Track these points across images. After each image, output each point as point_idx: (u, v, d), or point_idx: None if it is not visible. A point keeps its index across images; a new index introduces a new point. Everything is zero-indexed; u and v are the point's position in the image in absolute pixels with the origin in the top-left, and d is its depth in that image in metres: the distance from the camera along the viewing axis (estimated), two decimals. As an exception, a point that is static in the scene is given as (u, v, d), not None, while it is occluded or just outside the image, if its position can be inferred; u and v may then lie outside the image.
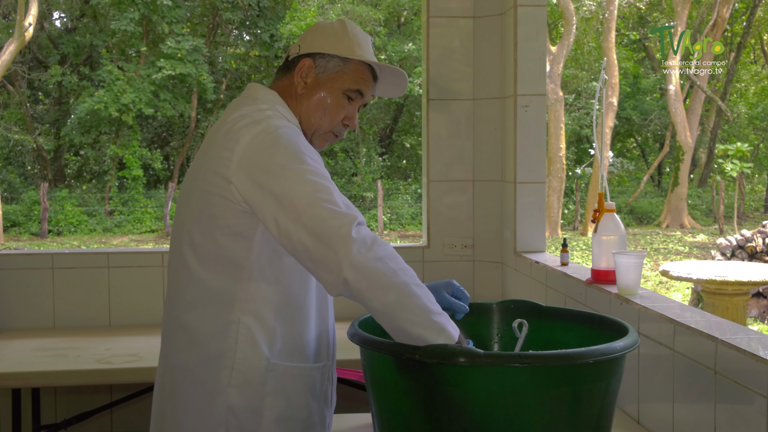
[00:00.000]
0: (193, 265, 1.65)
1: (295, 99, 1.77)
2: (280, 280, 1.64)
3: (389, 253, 1.52)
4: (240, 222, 1.60)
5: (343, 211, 1.53)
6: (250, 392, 1.62)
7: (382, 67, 1.82)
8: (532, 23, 3.21)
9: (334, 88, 1.76)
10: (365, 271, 1.48)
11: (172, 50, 20.83)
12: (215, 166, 1.62)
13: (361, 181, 21.97)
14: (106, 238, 18.47)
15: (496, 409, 1.39)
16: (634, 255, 2.11)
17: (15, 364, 2.76)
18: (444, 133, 3.50)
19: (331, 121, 1.78)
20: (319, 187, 1.55)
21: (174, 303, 1.70)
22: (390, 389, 1.51)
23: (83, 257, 3.42)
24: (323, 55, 1.75)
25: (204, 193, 1.63)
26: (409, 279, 1.51)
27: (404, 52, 21.52)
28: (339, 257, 1.49)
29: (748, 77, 26.26)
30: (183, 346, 1.66)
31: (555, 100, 17.61)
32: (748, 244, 8.60)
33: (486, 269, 3.49)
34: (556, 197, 18.10)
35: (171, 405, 1.68)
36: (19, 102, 22.88)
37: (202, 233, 1.64)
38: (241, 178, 1.58)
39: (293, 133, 1.65)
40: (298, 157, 1.58)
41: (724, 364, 1.59)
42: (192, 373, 1.64)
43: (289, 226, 1.54)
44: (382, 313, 1.50)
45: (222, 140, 1.64)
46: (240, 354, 1.62)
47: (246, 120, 1.65)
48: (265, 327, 1.63)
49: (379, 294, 1.48)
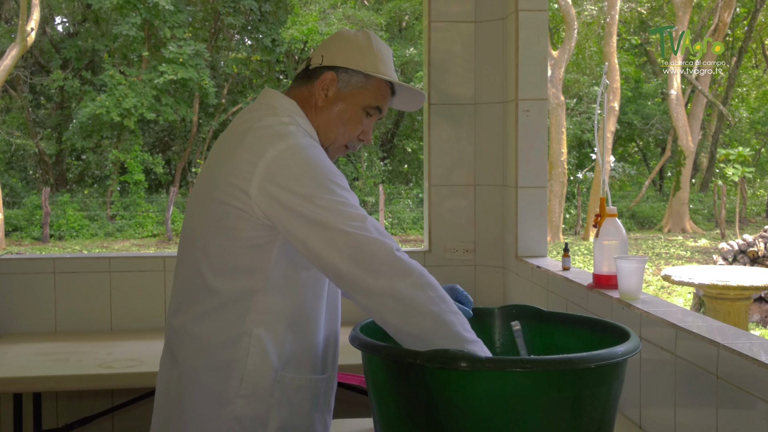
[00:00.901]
0: (208, 274, 1.63)
1: (314, 110, 1.74)
2: (294, 293, 1.64)
3: (429, 280, 1.54)
4: (259, 235, 1.59)
5: (378, 237, 1.54)
6: (257, 403, 1.62)
7: (402, 86, 1.81)
8: (533, 28, 3.21)
9: (355, 103, 1.74)
10: (406, 297, 1.50)
11: (173, 55, 20.87)
12: (235, 179, 1.59)
13: (363, 186, 21.98)
14: (107, 242, 18.49)
15: (498, 413, 1.39)
16: (635, 260, 2.11)
17: (16, 368, 2.76)
18: (445, 137, 3.50)
19: (348, 135, 1.76)
20: (351, 215, 1.55)
21: (184, 311, 1.68)
22: (391, 394, 1.50)
23: (85, 262, 3.42)
24: (346, 70, 1.73)
25: (220, 203, 1.61)
26: (446, 307, 1.52)
27: (405, 56, 21.56)
28: (378, 282, 1.50)
29: (749, 82, 26.27)
30: (192, 354, 1.65)
31: (556, 104, 17.62)
32: (750, 249, 8.60)
33: (487, 274, 3.49)
34: (557, 202, 18.10)
35: (177, 412, 1.66)
36: (21, 106, 22.93)
37: (218, 244, 1.62)
38: (263, 196, 1.56)
39: (319, 152, 1.63)
40: (326, 184, 1.57)
41: (726, 369, 1.58)
42: (200, 381, 1.63)
43: (321, 250, 1.53)
44: (417, 338, 1.51)
45: (242, 152, 1.60)
46: (250, 365, 1.61)
47: (268, 132, 1.62)
48: (276, 338, 1.63)
49: (416, 320, 1.50)
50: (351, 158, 22.94)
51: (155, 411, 1.74)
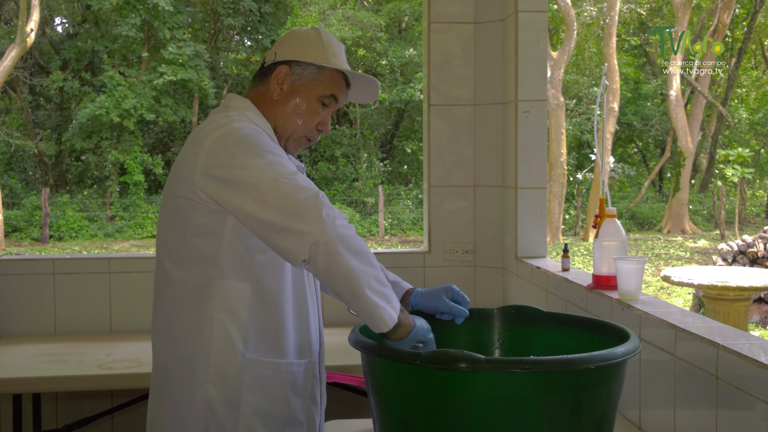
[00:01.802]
0: (169, 267, 1.70)
1: (271, 105, 1.81)
2: (252, 277, 1.68)
3: (352, 226, 1.62)
4: (208, 221, 1.65)
5: (305, 185, 1.60)
6: (226, 387, 1.66)
7: (355, 75, 1.87)
8: (533, 29, 3.21)
9: (310, 94, 1.81)
10: (334, 237, 1.56)
11: (173, 56, 20.87)
12: (183, 171, 1.68)
13: (362, 187, 21.97)
14: (107, 243, 18.48)
15: (498, 414, 1.39)
16: (635, 260, 2.11)
17: (16, 369, 2.76)
18: (445, 138, 3.50)
19: (306, 126, 1.83)
20: (280, 171, 1.61)
21: (156, 306, 1.75)
22: (391, 395, 1.51)
23: (84, 262, 3.42)
24: (299, 63, 1.81)
25: (173, 197, 1.70)
26: (368, 249, 1.61)
27: (405, 57, 21.56)
28: (307, 224, 1.56)
29: (749, 83, 26.27)
30: (164, 347, 1.71)
31: (556, 105, 17.62)
32: (750, 250, 8.60)
33: (487, 275, 3.49)
34: (557, 202, 18.10)
35: (157, 405, 1.73)
36: (20, 107, 22.92)
37: (173, 236, 1.69)
38: (205, 179, 1.63)
39: (255, 132, 1.70)
40: (257, 151, 1.64)
41: (726, 370, 1.58)
42: (171, 372, 1.69)
43: (254, 208, 1.59)
44: (342, 278, 1.57)
45: (189, 146, 1.71)
46: (215, 350, 1.66)
47: (211, 126, 1.71)
48: (239, 323, 1.67)
49: (344, 259, 1.56)
50: (350, 159, 22.95)
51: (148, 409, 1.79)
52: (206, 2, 23.37)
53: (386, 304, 1.59)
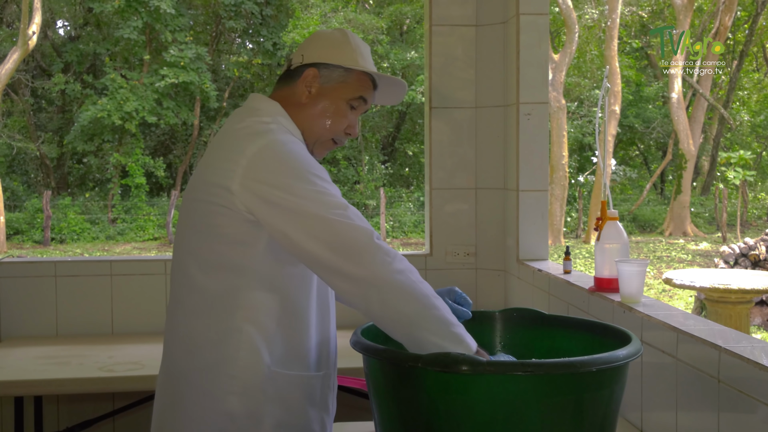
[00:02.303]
0: (195, 273, 1.65)
1: (298, 108, 1.77)
2: (281, 289, 1.65)
3: (408, 266, 1.56)
4: (242, 231, 1.61)
5: (359, 224, 1.56)
6: (249, 400, 1.62)
7: (383, 77, 1.84)
8: (534, 31, 3.21)
9: (338, 97, 1.77)
10: (389, 283, 1.52)
11: (175, 58, 20.89)
12: (217, 178, 1.62)
13: (364, 189, 21.97)
14: (108, 246, 18.49)
15: (499, 417, 1.39)
16: (636, 263, 2.11)
17: (17, 372, 2.76)
18: (446, 140, 3.50)
19: (334, 129, 1.79)
20: (331, 203, 1.57)
21: (175, 311, 1.70)
22: (392, 397, 1.50)
23: (86, 265, 3.43)
24: (327, 65, 1.77)
25: (204, 203, 1.64)
26: (428, 291, 1.55)
27: (407, 60, 21.56)
28: (361, 269, 1.52)
29: (750, 85, 26.26)
30: (184, 354, 1.67)
31: (557, 108, 17.62)
32: (752, 252, 8.59)
33: (488, 277, 3.49)
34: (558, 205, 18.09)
35: (171, 412, 1.68)
36: (22, 110, 22.94)
37: (203, 242, 1.65)
38: (245, 191, 1.58)
39: (299, 148, 1.65)
40: (305, 176, 1.59)
41: (728, 373, 1.58)
42: (193, 380, 1.64)
43: (301, 239, 1.56)
44: (400, 323, 1.53)
45: (225, 152, 1.65)
46: (241, 362, 1.62)
47: (248, 131, 1.66)
48: (265, 335, 1.63)
49: (401, 306, 1.52)
50: (352, 161, 22.96)
51: (154, 414, 1.75)
52: (208, 5, 23.39)
53: (456, 345, 1.50)
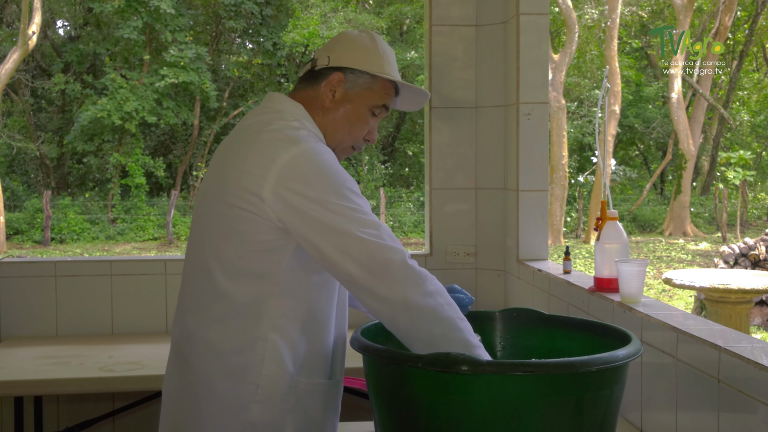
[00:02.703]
0: (220, 279, 1.62)
1: (321, 111, 1.74)
2: (307, 297, 1.64)
3: (438, 288, 1.57)
4: (271, 239, 1.59)
5: (391, 245, 1.56)
6: (272, 408, 1.61)
7: (407, 86, 1.82)
8: (534, 31, 3.21)
9: (362, 104, 1.75)
10: (418, 306, 1.53)
11: (175, 58, 20.90)
12: (246, 182, 1.58)
13: (364, 189, 21.97)
14: (108, 245, 18.49)
15: (499, 417, 1.39)
16: (636, 263, 2.11)
17: (17, 372, 2.76)
18: (446, 141, 3.50)
19: (356, 136, 1.77)
20: (365, 222, 1.56)
21: (195, 316, 1.66)
22: (393, 397, 1.50)
23: (86, 265, 3.42)
24: (353, 71, 1.74)
25: (232, 207, 1.60)
26: (454, 313, 1.56)
27: (407, 60, 21.56)
28: (392, 291, 1.53)
29: (750, 85, 26.26)
30: (205, 360, 1.63)
31: (557, 108, 17.62)
32: (751, 252, 8.59)
33: (488, 277, 3.49)
34: (558, 205, 18.09)
35: (191, 418, 1.64)
36: (22, 110, 22.95)
37: (229, 248, 1.61)
38: (277, 200, 1.56)
39: (331, 158, 1.63)
40: (339, 190, 1.58)
41: (728, 373, 1.58)
42: (215, 388, 1.62)
43: (334, 255, 1.55)
44: (426, 344, 1.53)
45: (253, 155, 1.60)
46: (266, 370, 1.60)
47: (279, 137, 1.62)
48: (290, 343, 1.62)
49: (426, 327, 1.53)
50: (352, 161, 22.95)
51: (163, 418, 1.71)
52: (208, 5, 23.39)
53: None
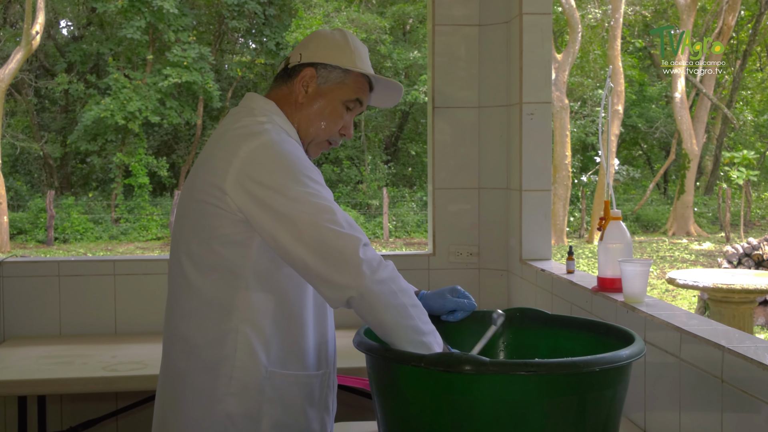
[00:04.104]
0: (191, 274, 1.66)
1: (295, 107, 1.78)
2: (277, 289, 1.65)
3: (391, 274, 1.57)
4: (236, 231, 1.61)
5: (347, 232, 1.56)
6: (248, 400, 1.63)
7: (380, 79, 1.84)
8: (537, 31, 3.21)
9: (335, 98, 1.77)
10: (369, 292, 1.53)
11: (178, 58, 20.92)
12: (211, 177, 1.63)
13: (367, 189, 21.98)
14: (111, 245, 18.51)
15: (502, 417, 1.39)
16: (640, 263, 2.11)
17: (21, 371, 2.76)
18: (449, 140, 3.50)
19: (330, 130, 1.79)
20: (321, 207, 1.57)
21: (172, 312, 1.71)
22: (395, 397, 1.50)
23: (89, 265, 3.43)
24: (325, 66, 1.77)
25: (200, 203, 1.64)
26: (406, 300, 1.57)
27: (409, 59, 21.57)
28: (344, 278, 1.53)
29: (753, 85, 26.21)
30: (181, 355, 1.68)
31: (560, 107, 17.61)
32: (755, 252, 8.58)
33: (491, 277, 3.49)
34: (561, 205, 18.08)
35: (172, 413, 1.68)
36: (25, 110, 22.98)
37: (198, 242, 1.65)
38: (237, 191, 1.59)
39: (293, 148, 1.65)
40: (298, 177, 1.59)
41: (731, 373, 1.58)
42: (191, 382, 1.65)
43: (289, 243, 1.56)
44: (378, 329, 1.56)
45: (219, 151, 1.65)
46: (238, 362, 1.63)
47: (244, 131, 1.65)
48: (262, 335, 1.64)
49: (379, 314, 1.54)
50: (355, 161, 22.96)
51: (155, 414, 1.76)
52: (211, 5, 23.41)
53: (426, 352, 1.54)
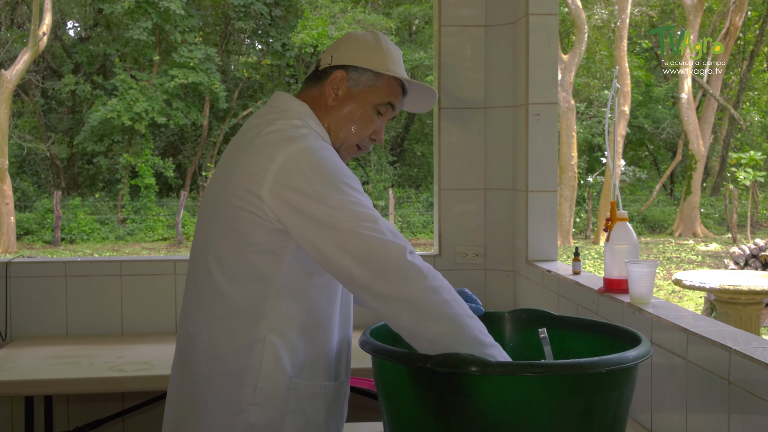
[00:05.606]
0: (220, 280, 1.61)
1: (325, 110, 1.73)
2: (307, 299, 1.62)
3: (442, 283, 1.51)
4: (271, 240, 1.57)
5: (391, 239, 1.51)
6: (271, 411, 1.60)
7: (413, 83, 1.79)
8: (543, 32, 3.21)
9: (366, 102, 1.73)
10: (419, 302, 1.47)
11: (184, 59, 20.97)
12: (246, 182, 1.57)
13: (373, 190, 21.99)
14: (118, 246, 18.55)
15: (508, 418, 1.38)
16: (646, 264, 2.10)
17: (28, 371, 2.77)
18: (455, 141, 3.50)
19: (360, 134, 1.75)
20: (363, 216, 1.52)
21: (195, 317, 1.66)
22: (401, 398, 1.50)
23: (96, 265, 3.44)
24: (356, 68, 1.72)
25: (232, 207, 1.59)
26: (461, 310, 1.49)
27: (416, 60, 21.57)
28: (390, 287, 1.48)
29: (760, 85, 26.14)
30: (206, 361, 1.63)
31: (567, 108, 17.59)
32: (762, 253, 8.55)
33: (497, 278, 3.48)
34: (567, 206, 18.06)
35: (192, 419, 1.65)
36: (33, 111, 23.06)
37: (230, 249, 1.60)
38: (275, 199, 1.54)
39: (331, 155, 1.61)
40: (338, 185, 1.54)
41: (738, 374, 1.57)
42: (214, 389, 1.62)
43: (332, 253, 1.51)
44: (431, 343, 1.47)
45: (254, 155, 1.59)
46: (264, 372, 1.59)
47: (280, 136, 1.60)
48: (289, 345, 1.61)
49: (430, 324, 1.47)
50: (361, 162, 22.96)
51: (166, 418, 1.72)
52: (217, 6, 23.46)
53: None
